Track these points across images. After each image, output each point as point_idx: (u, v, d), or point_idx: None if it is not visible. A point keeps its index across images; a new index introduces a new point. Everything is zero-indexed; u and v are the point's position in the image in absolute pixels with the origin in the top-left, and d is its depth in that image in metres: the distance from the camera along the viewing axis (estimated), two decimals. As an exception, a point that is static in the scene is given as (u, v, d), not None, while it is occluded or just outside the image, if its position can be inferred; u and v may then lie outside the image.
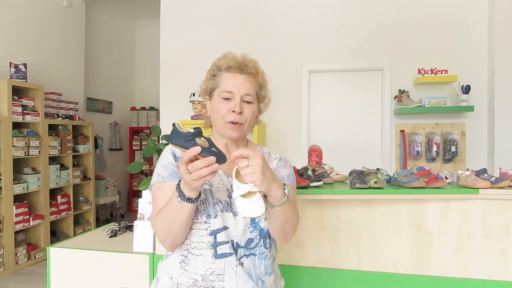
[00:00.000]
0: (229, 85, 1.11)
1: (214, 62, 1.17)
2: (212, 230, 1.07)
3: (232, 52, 1.16)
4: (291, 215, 1.06)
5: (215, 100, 1.13)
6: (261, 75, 1.16)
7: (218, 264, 1.07)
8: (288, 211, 1.04)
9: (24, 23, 4.51)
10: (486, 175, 1.85)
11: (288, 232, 1.10)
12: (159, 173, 1.11)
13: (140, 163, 2.17)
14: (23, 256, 3.99)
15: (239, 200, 0.93)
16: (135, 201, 6.73)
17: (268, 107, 1.23)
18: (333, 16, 3.84)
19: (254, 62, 1.16)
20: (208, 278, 1.07)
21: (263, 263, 1.12)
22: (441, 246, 1.83)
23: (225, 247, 1.07)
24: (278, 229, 1.08)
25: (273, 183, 0.94)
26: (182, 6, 4.14)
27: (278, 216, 1.04)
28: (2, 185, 3.75)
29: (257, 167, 0.89)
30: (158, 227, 1.05)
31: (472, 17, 3.60)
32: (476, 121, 3.58)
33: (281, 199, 0.96)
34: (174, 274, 1.11)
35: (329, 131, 3.90)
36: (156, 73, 4.32)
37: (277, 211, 1.00)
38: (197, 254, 1.08)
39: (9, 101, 3.82)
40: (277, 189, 0.95)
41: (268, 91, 1.20)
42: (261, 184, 0.90)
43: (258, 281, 1.10)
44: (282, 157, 1.23)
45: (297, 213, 1.13)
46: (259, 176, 0.89)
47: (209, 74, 1.17)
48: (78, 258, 1.91)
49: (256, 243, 1.11)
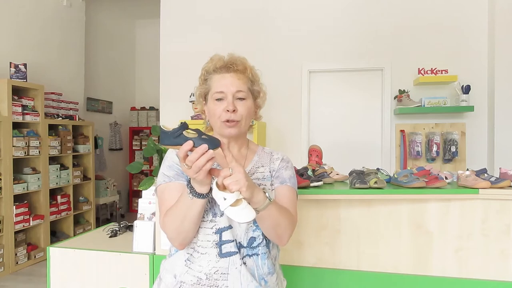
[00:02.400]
0: (219, 85, 1.13)
1: (203, 67, 1.19)
2: (218, 229, 1.09)
3: (218, 54, 1.18)
4: (280, 218, 1.05)
5: (210, 103, 1.15)
6: (249, 70, 1.17)
7: (222, 263, 1.08)
8: (274, 214, 1.03)
9: (24, 23, 4.51)
10: (486, 175, 1.85)
11: (281, 235, 1.09)
12: (165, 174, 1.12)
13: (140, 163, 2.17)
14: (23, 256, 3.99)
15: (230, 210, 0.95)
16: (135, 201, 6.73)
17: (269, 107, 1.24)
18: (333, 16, 3.84)
19: (241, 59, 1.17)
20: (212, 277, 1.08)
21: (266, 263, 1.13)
22: (441, 246, 1.83)
23: (230, 245, 1.08)
24: (270, 232, 1.08)
25: (255, 188, 0.97)
26: (182, 6, 4.14)
27: (266, 220, 1.04)
28: (2, 185, 3.75)
29: (240, 175, 0.92)
30: (168, 225, 1.06)
31: (472, 17, 3.60)
32: (476, 121, 3.58)
33: (263, 202, 0.99)
34: (179, 272, 1.12)
35: (329, 131, 3.90)
36: (156, 73, 4.32)
37: (263, 215, 1.01)
38: (202, 253, 1.10)
39: (9, 101, 3.82)
40: (258, 193, 0.98)
41: (261, 85, 1.21)
42: (247, 190, 0.93)
43: (261, 281, 1.11)
44: (284, 157, 1.23)
45: (292, 217, 1.11)
46: (244, 183, 0.92)
47: (201, 80, 1.20)
48: (78, 258, 1.91)
49: (259, 242, 1.12)
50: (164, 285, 1.15)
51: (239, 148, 1.21)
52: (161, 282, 1.17)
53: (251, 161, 1.19)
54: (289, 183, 1.17)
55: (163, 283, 1.15)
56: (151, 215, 1.91)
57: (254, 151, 1.23)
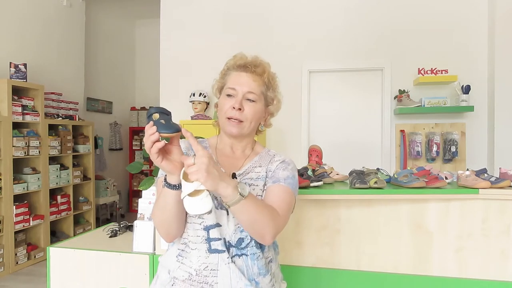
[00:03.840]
0: (233, 82, 1.15)
1: (226, 62, 1.21)
2: (206, 226, 1.09)
3: (242, 53, 1.20)
4: (256, 215, 1.00)
5: (221, 97, 1.18)
6: (267, 75, 1.18)
7: (212, 259, 1.08)
8: (251, 210, 0.98)
9: (24, 23, 4.51)
10: (486, 175, 1.85)
11: (261, 233, 1.03)
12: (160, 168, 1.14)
13: (140, 163, 2.17)
14: (23, 256, 3.99)
15: (186, 199, 0.95)
16: (135, 201, 6.73)
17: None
18: (333, 16, 3.84)
19: (263, 63, 1.19)
20: (201, 273, 1.08)
21: (256, 264, 1.11)
22: (441, 246, 1.83)
23: (217, 243, 1.08)
24: (248, 229, 1.04)
25: (221, 181, 0.93)
26: (182, 6, 4.14)
27: (240, 216, 1.00)
28: (2, 185, 3.75)
29: (202, 166, 0.89)
30: (153, 216, 1.09)
31: (472, 17, 3.60)
32: (476, 121, 3.58)
33: (232, 197, 0.94)
34: (172, 267, 1.13)
35: (329, 131, 3.90)
36: (156, 73, 4.32)
37: (236, 210, 0.97)
38: (193, 248, 1.10)
39: (9, 101, 3.82)
40: (226, 187, 0.93)
41: (278, 93, 1.22)
42: (206, 181, 0.90)
43: (252, 281, 1.09)
44: (286, 160, 1.20)
45: (273, 213, 1.05)
46: (203, 174, 0.89)
47: (221, 74, 1.22)
48: (78, 258, 1.91)
49: (247, 243, 1.10)
50: (160, 281, 1.15)
51: (243, 149, 1.21)
52: (158, 279, 1.17)
53: (251, 161, 1.19)
54: (282, 182, 1.13)
55: (159, 280, 1.16)
56: (151, 215, 1.91)
57: (257, 153, 1.22)
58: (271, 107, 1.21)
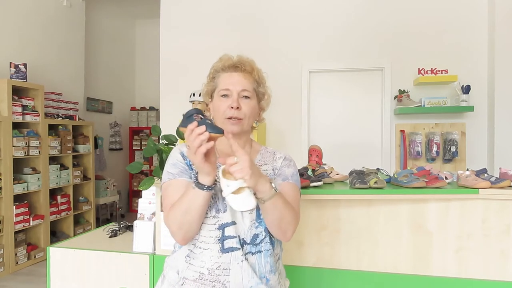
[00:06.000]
0: (226, 83, 1.16)
1: (212, 66, 1.23)
2: (221, 224, 1.10)
3: (227, 54, 1.22)
4: (285, 211, 1.06)
5: (215, 100, 1.18)
6: (256, 71, 1.20)
7: (225, 258, 1.09)
8: (280, 206, 1.05)
9: (24, 23, 4.51)
10: (486, 175, 1.85)
11: (286, 229, 1.10)
12: (169, 171, 1.14)
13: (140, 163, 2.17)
14: (23, 256, 3.99)
15: (231, 197, 0.99)
16: (135, 201, 6.73)
17: (269, 107, 1.25)
18: (333, 16, 3.84)
19: (249, 61, 1.21)
20: (214, 272, 1.09)
21: (269, 261, 1.14)
22: (441, 246, 1.83)
23: (232, 241, 1.10)
24: (275, 225, 1.09)
25: (260, 178, 0.99)
26: (182, 6, 4.14)
27: (272, 212, 1.05)
28: (2, 185, 3.75)
29: (245, 163, 0.94)
30: (172, 219, 1.07)
31: (472, 17, 3.60)
32: (476, 121, 3.58)
33: (269, 192, 1.00)
34: (181, 268, 1.14)
35: (329, 131, 3.90)
36: (156, 73, 4.32)
37: (269, 206, 1.03)
38: (205, 248, 1.11)
39: (9, 101, 3.82)
40: (264, 183, 0.99)
41: (267, 88, 1.24)
42: (250, 179, 0.95)
43: (263, 279, 1.12)
44: (286, 156, 1.25)
45: (295, 212, 1.12)
46: (248, 171, 0.94)
47: (209, 78, 1.23)
48: (78, 258, 1.91)
49: (261, 239, 1.13)
50: (167, 282, 1.16)
51: (242, 147, 1.21)
52: (165, 279, 1.18)
53: (254, 159, 1.21)
54: (291, 180, 1.18)
55: (166, 280, 1.17)
56: (151, 215, 1.91)
57: (257, 151, 1.25)
58: (263, 102, 1.23)
